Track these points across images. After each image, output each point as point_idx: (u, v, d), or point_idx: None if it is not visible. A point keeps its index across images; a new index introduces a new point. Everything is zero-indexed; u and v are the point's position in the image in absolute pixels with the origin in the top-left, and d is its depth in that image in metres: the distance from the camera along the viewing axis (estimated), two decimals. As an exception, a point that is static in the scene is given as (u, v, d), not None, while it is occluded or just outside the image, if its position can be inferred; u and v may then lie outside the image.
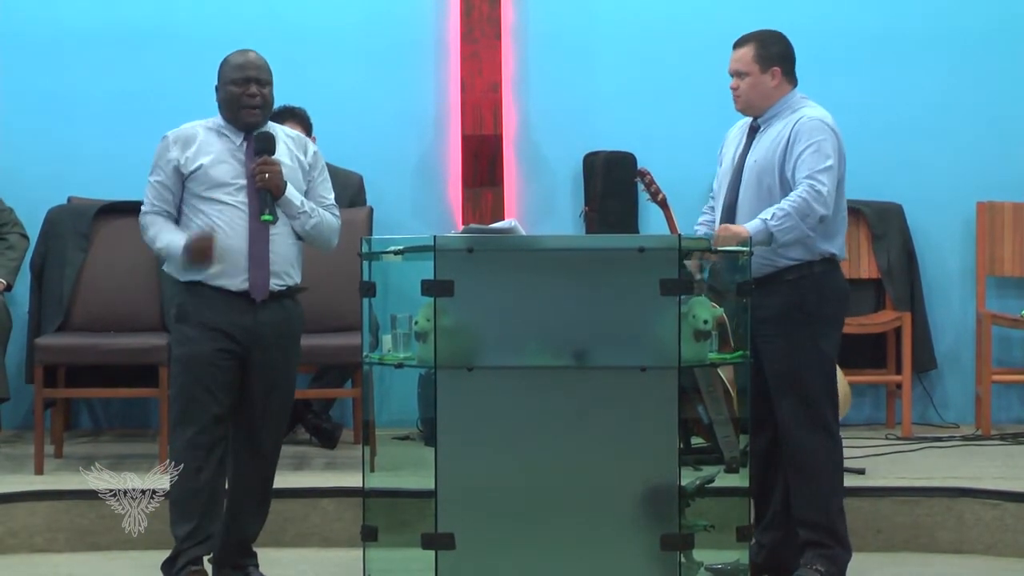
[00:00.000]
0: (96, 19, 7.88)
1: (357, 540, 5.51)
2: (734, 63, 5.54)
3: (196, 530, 5.33)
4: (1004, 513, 6.14)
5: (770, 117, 5.51)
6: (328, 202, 5.49)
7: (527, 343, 5.09)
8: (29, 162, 7.82)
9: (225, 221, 5.29)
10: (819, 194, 5.32)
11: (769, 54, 5.51)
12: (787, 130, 5.43)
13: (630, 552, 5.07)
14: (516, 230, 5.29)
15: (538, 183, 7.99)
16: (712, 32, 7.93)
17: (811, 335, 5.42)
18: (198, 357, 5.29)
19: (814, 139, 5.38)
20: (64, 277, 7.20)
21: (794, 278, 5.42)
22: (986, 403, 7.55)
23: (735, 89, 5.53)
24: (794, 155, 5.39)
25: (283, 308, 5.38)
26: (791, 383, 5.41)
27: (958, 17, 7.98)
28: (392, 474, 6.45)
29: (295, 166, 5.41)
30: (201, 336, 5.29)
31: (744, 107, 5.55)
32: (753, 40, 5.55)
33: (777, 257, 5.39)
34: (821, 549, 5.43)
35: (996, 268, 7.85)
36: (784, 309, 5.39)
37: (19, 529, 6.22)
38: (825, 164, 5.36)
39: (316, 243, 5.46)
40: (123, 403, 7.88)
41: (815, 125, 5.41)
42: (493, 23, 7.81)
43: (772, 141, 5.46)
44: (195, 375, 5.29)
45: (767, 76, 5.50)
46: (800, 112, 5.47)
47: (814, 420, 5.42)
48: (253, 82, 5.33)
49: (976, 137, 7.96)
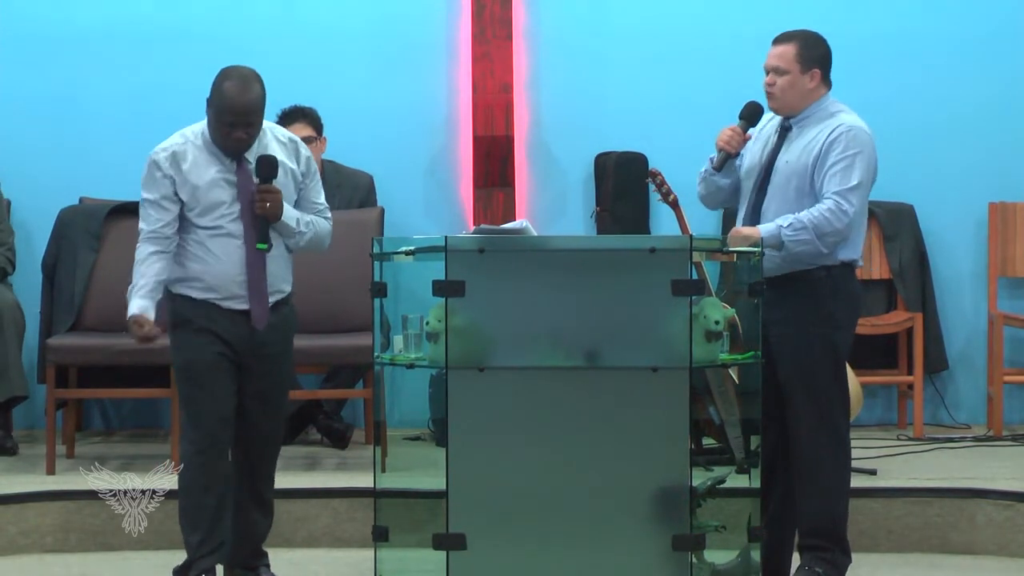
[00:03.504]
0: (108, 19, 7.89)
1: (368, 540, 5.51)
2: (774, 59, 5.43)
3: (207, 539, 5.32)
4: (1016, 514, 6.13)
5: (803, 119, 5.43)
6: (320, 207, 5.44)
7: (538, 343, 5.09)
8: (41, 162, 7.83)
9: (219, 247, 5.25)
10: (844, 214, 5.25)
11: (811, 55, 5.42)
12: (824, 135, 5.35)
13: (641, 552, 5.07)
14: (527, 231, 5.29)
15: (549, 184, 7.99)
16: (724, 33, 7.95)
17: (825, 337, 5.39)
18: (198, 362, 5.28)
19: (850, 151, 5.30)
20: (76, 277, 7.22)
21: (810, 280, 5.37)
22: (998, 404, 7.54)
23: (771, 85, 5.42)
24: (826, 164, 5.31)
25: (279, 316, 5.36)
26: (803, 384, 5.39)
27: (969, 18, 7.97)
28: (403, 474, 6.45)
29: (288, 179, 5.33)
30: (199, 341, 5.27)
31: (779, 106, 5.44)
32: (797, 38, 5.45)
33: (795, 261, 5.33)
34: (821, 552, 5.41)
35: (1008, 269, 7.84)
36: (799, 310, 5.36)
37: (31, 529, 6.23)
38: (855, 182, 5.28)
39: (308, 249, 5.43)
40: (135, 403, 7.89)
41: (856, 135, 5.33)
42: (504, 24, 7.81)
43: (807, 144, 5.37)
44: (197, 380, 5.28)
45: (806, 77, 5.41)
46: (839, 118, 5.39)
47: (824, 422, 5.41)
48: (240, 125, 5.21)
49: (988, 138, 7.95)
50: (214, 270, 5.25)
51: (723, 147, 5.46)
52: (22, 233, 7.65)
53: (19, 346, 7.10)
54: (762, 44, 7.83)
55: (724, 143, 5.47)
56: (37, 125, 7.86)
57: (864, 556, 5.71)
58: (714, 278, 7.00)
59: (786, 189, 5.38)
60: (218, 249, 5.25)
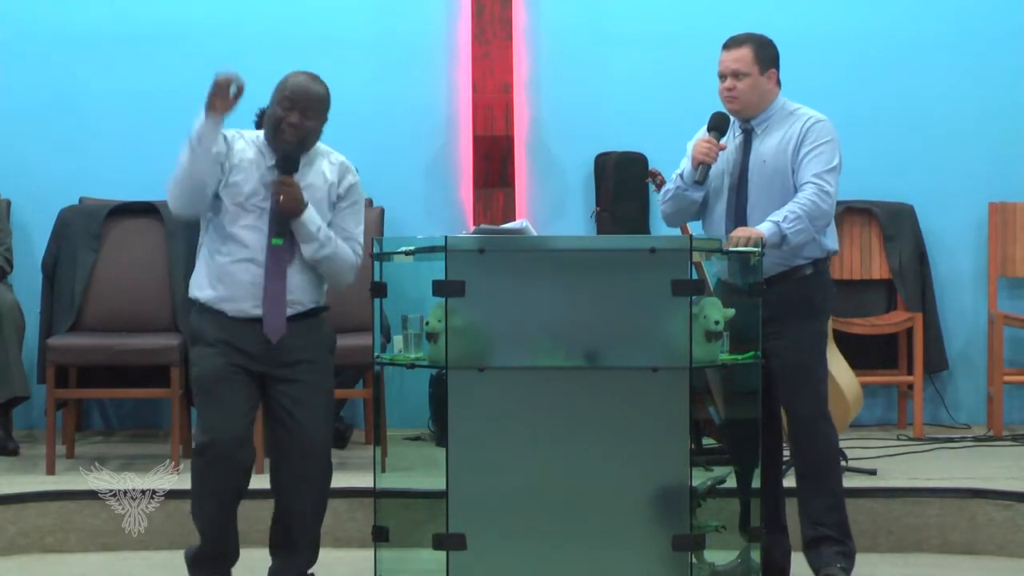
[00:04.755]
0: (108, 19, 7.89)
1: (369, 540, 5.51)
2: (733, 63, 5.52)
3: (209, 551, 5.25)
4: (1016, 514, 6.13)
5: (765, 119, 5.51)
6: (350, 235, 5.32)
7: (538, 343, 5.09)
8: (41, 162, 7.84)
9: (251, 240, 5.17)
10: (827, 195, 5.36)
11: (767, 56, 5.52)
12: (796, 129, 5.45)
13: (641, 552, 5.07)
14: (527, 231, 5.29)
15: (549, 184, 7.99)
16: (723, 33, 7.91)
17: (818, 329, 5.53)
18: (209, 373, 5.16)
19: (823, 139, 5.43)
20: (76, 278, 7.21)
21: (802, 275, 5.47)
22: (998, 404, 7.55)
23: (731, 89, 5.50)
24: (801, 153, 5.42)
25: (305, 326, 5.24)
26: (805, 377, 5.44)
27: (970, 18, 7.97)
28: (403, 474, 6.46)
29: (324, 191, 5.26)
30: (212, 352, 5.16)
31: (740, 107, 5.52)
32: (751, 42, 5.54)
33: (793, 256, 5.42)
34: (838, 546, 5.45)
35: (1008, 269, 7.84)
36: (793, 305, 5.42)
37: (30, 529, 6.23)
38: (831, 164, 5.40)
39: (327, 274, 5.29)
40: (135, 403, 7.89)
41: (825, 126, 5.46)
42: (504, 24, 7.82)
43: (780, 143, 5.46)
44: (208, 393, 5.16)
45: (765, 78, 5.50)
46: (805, 112, 5.50)
47: (823, 413, 5.48)
48: (297, 110, 5.17)
49: (988, 138, 7.96)
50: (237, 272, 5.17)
51: (703, 159, 5.50)
52: (22, 233, 7.66)
53: (19, 346, 7.10)
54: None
55: (703, 155, 5.50)
56: (37, 125, 7.87)
57: (864, 556, 5.71)
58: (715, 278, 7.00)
59: (770, 189, 5.45)
60: (251, 242, 5.15)
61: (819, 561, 5.46)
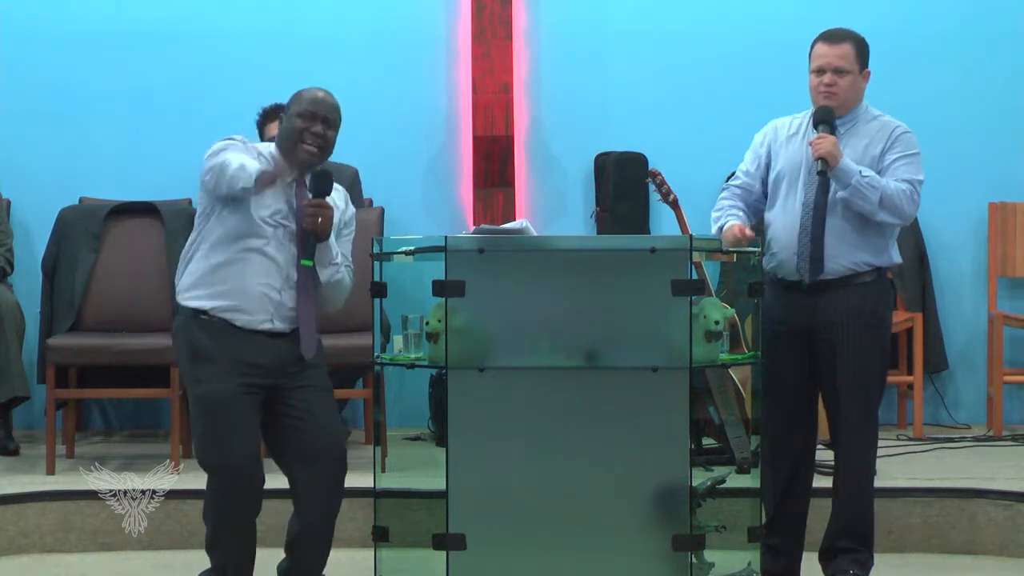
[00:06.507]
0: (108, 19, 7.89)
1: (368, 540, 5.51)
2: (837, 60, 5.41)
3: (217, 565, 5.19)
4: (1016, 514, 6.13)
5: (851, 120, 5.44)
6: (347, 262, 5.27)
7: (538, 343, 5.09)
8: (41, 162, 7.84)
9: (256, 260, 5.08)
10: (914, 203, 5.36)
11: (864, 55, 5.47)
12: (884, 133, 5.41)
13: (641, 553, 5.07)
14: (527, 231, 5.29)
15: (549, 184, 7.99)
16: (724, 33, 7.95)
17: (880, 341, 5.42)
18: (221, 396, 5.04)
19: (911, 151, 5.40)
20: (75, 278, 7.21)
21: (866, 282, 5.40)
22: (998, 404, 7.55)
23: (831, 86, 5.38)
24: (888, 159, 5.38)
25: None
26: (860, 388, 5.37)
27: (971, 17, 7.97)
28: (403, 474, 6.45)
29: (336, 218, 5.18)
30: (220, 372, 5.05)
31: (839, 104, 5.41)
32: (852, 39, 5.47)
33: (857, 262, 5.37)
34: (857, 555, 5.41)
35: (1008, 269, 7.84)
36: (856, 313, 5.35)
37: (31, 529, 6.23)
38: (920, 177, 5.39)
39: (330, 297, 5.25)
40: (135, 404, 7.89)
41: (914, 140, 5.43)
42: (504, 23, 7.82)
43: (866, 145, 5.40)
44: (218, 415, 5.04)
45: (861, 77, 5.45)
46: (892, 122, 5.45)
47: (871, 425, 5.41)
48: (321, 121, 5.09)
49: (988, 138, 7.96)
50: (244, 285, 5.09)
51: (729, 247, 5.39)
52: (22, 233, 7.66)
53: (19, 346, 7.10)
54: (762, 44, 7.89)
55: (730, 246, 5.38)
56: (37, 125, 7.87)
57: (864, 556, 5.72)
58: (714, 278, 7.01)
59: None
60: (256, 261, 5.08)
61: (834, 567, 5.43)
